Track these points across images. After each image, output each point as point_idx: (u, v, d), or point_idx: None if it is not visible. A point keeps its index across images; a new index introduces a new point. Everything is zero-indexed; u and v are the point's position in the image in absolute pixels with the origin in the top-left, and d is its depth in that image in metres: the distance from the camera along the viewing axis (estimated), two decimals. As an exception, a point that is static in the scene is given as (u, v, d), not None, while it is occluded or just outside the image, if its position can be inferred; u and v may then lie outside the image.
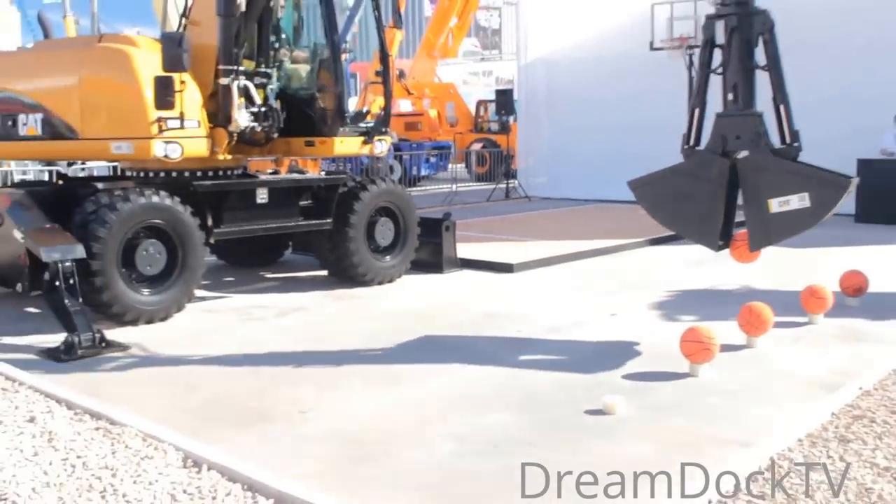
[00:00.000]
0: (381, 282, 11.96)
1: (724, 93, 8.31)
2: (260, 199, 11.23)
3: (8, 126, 10.74)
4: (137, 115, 10.06)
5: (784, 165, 7.95)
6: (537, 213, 20.90)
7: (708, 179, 8.21)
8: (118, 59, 10.24)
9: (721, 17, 8.21)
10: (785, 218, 7.90)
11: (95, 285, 9.23)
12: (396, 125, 34.66)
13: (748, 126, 8.09)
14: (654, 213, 8.80)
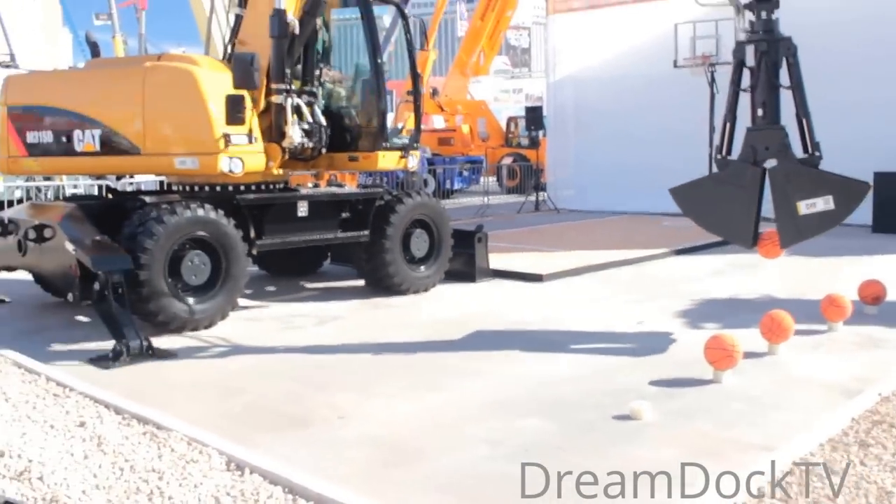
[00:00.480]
0: (416, 291, 12.18)
1: (753, 109, 9.29)
2: (301, 212, 11.49)
3: (63, 142, 10.86)
4: (203, 131, 10.37)
5: (810, 172, 9.03)
6: (566, 224, 21.08)
7: (742, 186, 9.17)
8: (184, 78, 10.50)
9: (751, 43, 9.22)
10: (812, 219, 9.01)
11: (143, 295, 9.48)
12: (430, 140, 34.99)
13: (776, 138, 9.09)
14: (692, 216, 9.74)
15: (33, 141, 11.05)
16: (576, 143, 25.75)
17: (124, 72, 11.17)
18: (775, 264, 13.81)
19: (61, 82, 11.77)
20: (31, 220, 10.55)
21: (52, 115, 11.00)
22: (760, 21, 9.30)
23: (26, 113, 11.15)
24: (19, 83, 11.69)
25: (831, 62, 18.91)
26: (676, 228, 18.56)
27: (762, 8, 9.28)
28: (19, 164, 11.37)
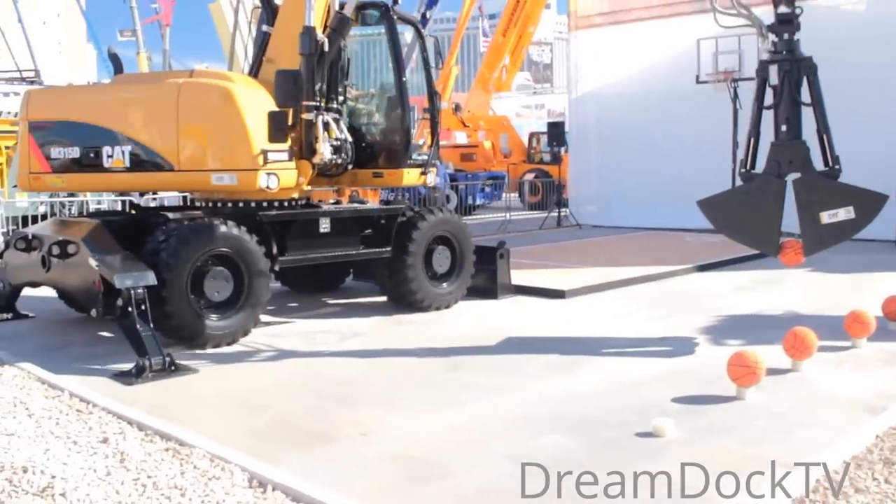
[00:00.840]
0: (438, 307, 12.17)
1: (777, 125, 9.86)
2: (323, 229, 11.53)
3: (90, 158, 10.77)
4: (242, 147, 10.43)
5: (832, 184, 9.65)
6: (588, 240, 21.06)
7: (768, 198, 9.73)
8: (221, 94, 10.57)
9: (774, 62, 9.84)
10: (834, 228, 9.61)
11: (166, 311, 9.52)
12: (453, 156, 35.08)
13: (798, 153, 9.69)
14: (719, 227, 10.33)
15: (57, 157, 10.93)
16: (598, 158, 25.75)
17: (156, 88, 11.09)
18: (798, 280, 13.88)
19: (88, 97, 11.70)
20: (55, 236, 10.62)
21: (78, 131, 10.88)
22: (783, 42, 9.91)
23: (50, 128, 11.04)
24: (41, 98, 11.64)
25: (857, 76, 18.95)
26: (699, 244, 18.55)
27: (784, 30, 9.92)
28: (42, 180, 11.19)
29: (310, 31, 10.90)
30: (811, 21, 20.32)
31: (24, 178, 11.25)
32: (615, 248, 19.06)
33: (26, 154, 11.11)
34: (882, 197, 9.66)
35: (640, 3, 24.65)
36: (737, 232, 10.24)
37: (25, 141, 11.10)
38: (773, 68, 9.92)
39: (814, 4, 20.63)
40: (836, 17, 20.52)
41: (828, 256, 16.76)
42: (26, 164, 11.12)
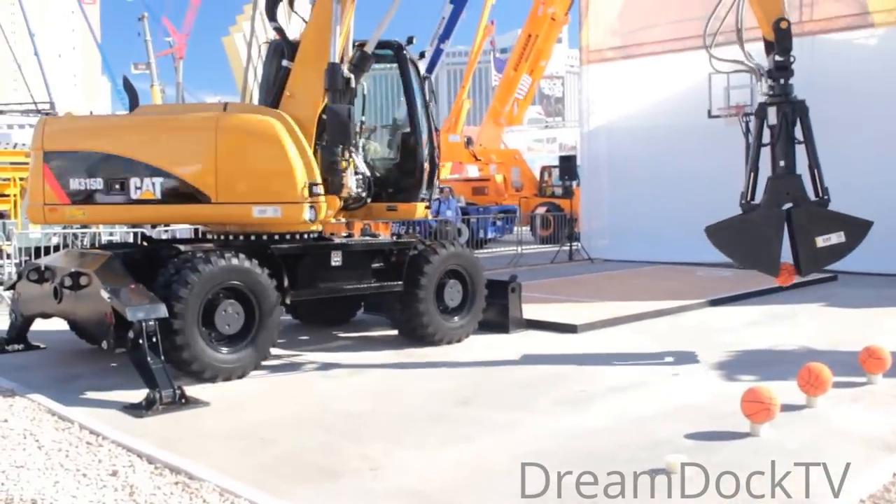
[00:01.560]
0: (449, 341, 12.13)
1: (775, 160, 11.25)
2: (334, 262, 11.53)
3: (115, 190, 10.64)
4: (288, 181, 10.68)
5: (825, 213, 11.14)
6: (600, 274, 21.00)
7: (769, 225, 11.09)
8: (265, 129, 10.75)
9: (772, 105, 11.25)
10: (827, 251, 11.11)
11: (177, 343, 9.53)
12: (464, 190, 35.15)
13: (795, 185, 11.18)
14: (725, 251, 11.51)
15: (77, 188, 10.68)
16: (610, 192, 25.73)
17: (192, 120, 11.13)
18: (812, 315, 13.85)
19: (111, 127, 11.47)
20: (67, 268, 10.63)
21: (101, 161, 10.70)
22: (779, 86, 11.25)
23: (68, 158, 10.77)
24: (58, 127, 11.31)
25: (869, 106, 19.10)
26: (711, 278, 18.50)
27: (780, 75, 11.23)
28: (59, 212, 10.89)
29: (335, 67, 11.02)
30: (825, 54, 20.63)
31: (38, 209, 10.88)
32: (627, 282, 19.01)
33: (40, 185, 10.78)
34: (867, 223, 11.24)
35: (652, 38, 24.71)
36: (741, 256, 11.57)
37: (39, 171, 10.78)
38: (771, 110, 11.28)
39: (828, 38, 20.82)
40: (849, 51, 20.61)
41: (841, 291, 16.85)
42: (40, 195, 10.78)
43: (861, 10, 20.69)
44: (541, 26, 37.88)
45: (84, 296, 10.25)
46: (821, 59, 20.66)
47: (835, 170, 19.74)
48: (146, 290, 9.68)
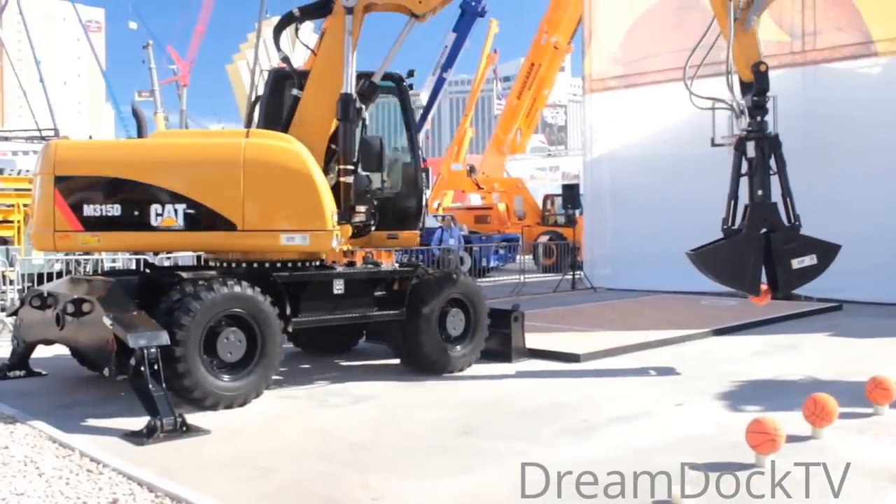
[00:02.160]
0: (451, 371, 12.07)
1: (752, 190, 12.57)
2: (336, 290, 11.50)
3: (134, 216, 10.43)
4: (318, 209, 10.79)
5: (799, 237, 12.47)
6: (603, 303, 20.94)
7: (750, 249, 12.32)
8: (293, 156, 10.82)
9: (751, 140, 12.63)
10: (802, 272, 12.40)
11: (178, 371, 9.50)
12: (467, 218, 35.18)
13: (772, 212, 12.44)
14: (707, 273, 12.64)
15: (92, 214, 10.36)
16: (613, 221, 25.69)
17: (217, 146, 11.09)
18: (817, 345, 13.84)
19: (128, 153, 11.20)
20: (70, 294, 10.60)
21: (119, 187, 10.47)
22: (756, 122, 12.64)
23: (82, 183, 10.48)
24: (71, 151, 10.91)
25: (872, 134, 19.24)
26: (715, 308, 18.46)
27: (758, 113, 12.67)
28: (72, 239, 10.51)
29: (348, 97, 11.22)
30: (829, 82, 20.71)
31: (47, 236, 10.49)
32: (630, 311, 18.95)
33: (50, 211, 10.37)
34: (836, 247, 12.58)
35: (655, 67, 24.77)
36: (725, 277, 12.66)
37: (50, 196, 10.36)
38: (750, 144, 12.64)
39: (831, 67, 20.89)
40: (853, 79, 20.66)
41: (846, 320, 16.82)
42: (49, 221, 10.39)
43: (865, 40, 20.75)
44: (544, 55, 38.02)
45: (86, 322, 10.23)
46: (824, 87, 20.78)
47: (839, 197, 20.07)
48: (148, 318, 9.66)
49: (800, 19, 21.74)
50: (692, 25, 23.84)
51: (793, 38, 21.93)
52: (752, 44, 12.99)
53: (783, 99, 20.26)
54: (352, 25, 11.58)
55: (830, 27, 21.27)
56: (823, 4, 21.41)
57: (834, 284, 19.82)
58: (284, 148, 10.92)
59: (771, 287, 12.46)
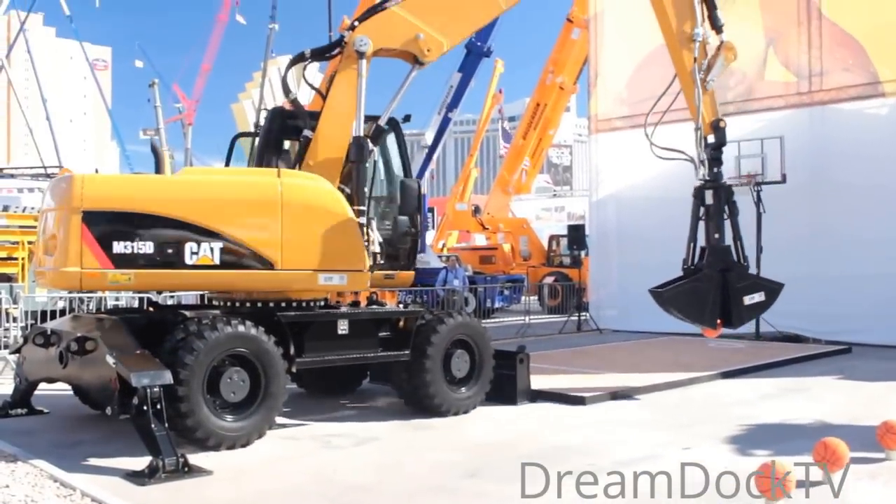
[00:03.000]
0: (456, 412, 11.98)
1: (709, 233, 14.00)
2: (341, 330, 11.44)
3: (167, 254, 10.19)
4: (356, 249, 11.19)
5: (750, 276, 14.12)
6: (609, 345, 20.85)
7: (710, 287, 13.71)
8: (333, 197, 11.06)
9: (708, 189, 14.09)
10: (751, 307, 13.98)
11: (181, 410, 9.44)
12: (472, 258, 35.14)
13: (727, 253, 13.88)
14: (668, 310, 14.08)
15: (122, 251, 10.01)
16: (619, 262, 25.59)
17: (254, 185, 11.05)
18: (826, 388, 13.77)
19: (162, 188, 10.87)
20: (73, 332, 10.56)
21: (152, 224, 10.17)
22: (713, 173, 14.15)
23: (112, 219, 10.07)
24: (101, 185, 10.47)
25: (879, 174, 19.27)
26: (722, 350, 18.37)
27: (715, 165, 14.17)
28: (101, 277, 10.08)
29: (362, 140, 11.45)
30: (836, 123, 20.76)
31: (73, 275, 9.94)
32: (636, 353, 18.86)
33: (76, 247, 9.87)
34: (780, 285, 14.11)
35: (661, 107, 24.73)
36: (687, 313, 13.94)
37: (76, 233, 9.87)
38: (708, 193, 14.04)
39: (839, 108, 20.89)
40: (860, 120, 20.66)
41: (856, 363, 16.72)
42: (75, 258, 9.89)
43: (872, 80, 20.78)
44: (549, 95, 38.17)
45: (89, 361, 10.16)
46: (832, 127, 20.81)
47: (848, 237, 20.03)
48: (151, 357, 9.62)
49: (806, 60, 21.81)
50: (698, 66, 24.00)
51: (799, 78, 21.99)
52: (712, 103, 14.57)
53: (791, 139, 20.46)
54: (363, 69, 11.77)
55: (837, 67, 21.31)
56: (830, 45, 21.46)
57: (843, 326, 19.84)
58: (321, 188, 11.08)
59: (724, 321, 13.89)
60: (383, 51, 12.17)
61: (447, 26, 12.55)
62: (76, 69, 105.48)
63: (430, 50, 12.27)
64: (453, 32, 12.77)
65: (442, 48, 12.47)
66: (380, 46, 12.02)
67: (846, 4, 21.40)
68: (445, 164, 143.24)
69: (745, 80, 23.16)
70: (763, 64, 22.88)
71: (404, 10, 12.29)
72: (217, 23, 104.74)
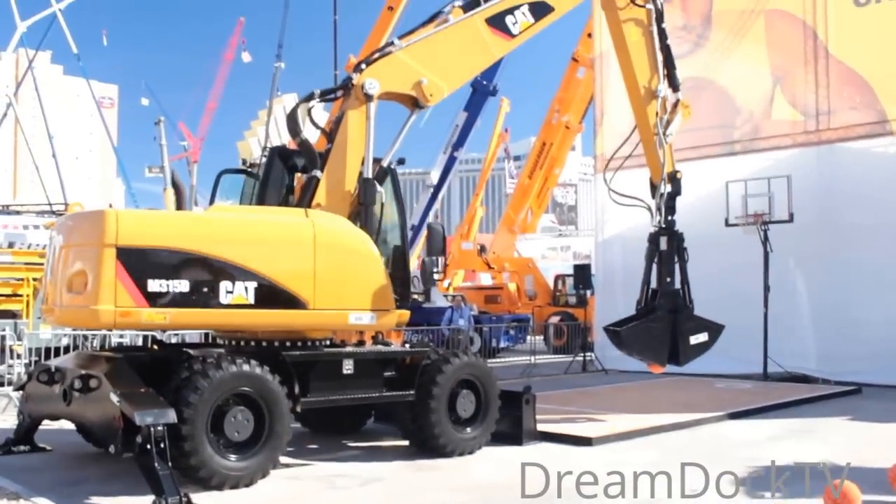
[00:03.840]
0: (461, 453, 11.88)
1: (662, 277, 15.22)
2: (346, 370, 11.39)
3: (202, 293, 10.12)
4: (385, 289, 11.45)
5: (696, 317, 15.24)
6: (615, 386, 20.73)
7: (662, 327, 14.89)
8: (360, 237, 11.31)
9: (663, 235, 15.31)
10: (696, 347, 15.12)
11: (184, 450, 9.37)
12: (477, 298, 35.04)
13: (676, 296, 15.15)
14: (621, 348, 15.39)
15: (158, 290, 9.84)
16: (625, 302, 25.35)
17: (288, 224, 11.14)
18: (835, 429, 13.68)
19: (198, 226, 10.74)
20: (77, 370, 10.51)
21: (189, 262, 10.09)
22: (668, 221, 15.40)
23: (148, 256, 9.90)
24: (136, 221, 10.27)
25: (887, 212, 19.24)
26: (730, 390, 18.27)
27: (669, 213, 15.42)
28: (136, 316, 9.82)
29: (371, 182, 11.68)
30: (844, 161, 20.79)
31: (107, 313, 9.68)
32: (643, 393, 18.75)
33: (111, 285, 9.64)
34: (721, 326, 15.34)
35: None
36: (639, 351, 15.20)
37: (111, 269, 9.63)
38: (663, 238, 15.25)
39: (846, 146, 20.90)
40: (868, 159, 20.66)
41: (865, 404, 16.60)
42: (111, 296, 9.65)
43: (880, 119, 20.79)
44: (555, 134, 38.29)
45: (93, 398, 10.10)
46: (839, 166, 20.81)
47: (855, 277, 19.97)
48: (156, 395, 9.57)
49: (813, 98, 21.84)
50: (704, 104, 24.11)
51: (807, 117, 22.02)
52: (670, 155, 15.78)
53: (798, 178, 20.45)
54: (372, 112, 12.00)
55: (844, 106, 21.33)
56: (837, 83, 21.49)
57: (852, 367, 19.73)
58: (350, 228, 11.32)
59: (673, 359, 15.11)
60: (385, 94, 12.33)
61: (447, 72, 12.88)
62: (83, 107, 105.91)
63: (431, 95, 12.55)
64: (452, 78, 13.09)
65: (442, 93, 12.76)
66: (385, 90, 12.20)
67: (853, 43, 21.45)
68: (451, 203, 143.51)
69: (752, 119, 23.22)
70: (770, 103, 22.93)
71: (408, 55, 12.55)
72: (223, 62, 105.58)
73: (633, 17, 15.10)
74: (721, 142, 23.58)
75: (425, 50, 12.69)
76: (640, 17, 15.15)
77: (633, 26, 15.15)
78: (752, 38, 23.21)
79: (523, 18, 13.48)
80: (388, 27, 31.07)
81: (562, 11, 14.19)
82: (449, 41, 12.94)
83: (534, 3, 13.55)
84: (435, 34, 12.84)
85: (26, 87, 60.08)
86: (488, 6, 13.21)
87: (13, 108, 49.25)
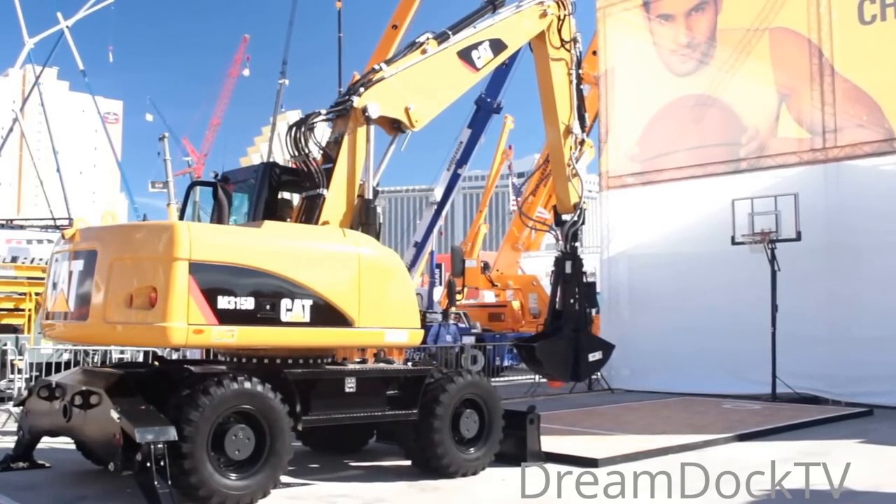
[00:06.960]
0: (464, 474, 11.76)
1: (566, 298, 16.39)
2: (348, 388, 11.31)
3: (266, 310, 10.16)
4: (415, 307, 11.80)
5: (592, 337, 16.83)
6: (621, 405, 20.58)
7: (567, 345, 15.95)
8: (394, 257, 11.87)
9: (567, 259, 16.52)
10: (594, 363, 16.59)
11: (185, 468, 9.26)
12: (481, 316, 34.92)
13: (582, 318, 16.34)
14: (529, 365, 16.98)
15: (227, 307, 9.83)
16: (630, 320, 25.36)
17: (334, 241, 11.43)
18: (847, 451, 13.50)
19: (263, 242, 10.60)
20: (78, 386, 10.43)
21: (255, 279, 10.10)
22: (572, 247, 16.64)
23: (220, 273, 9.88)
24: (208, 235, 10.15)
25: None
26: (738, 411, 18.11)
27: (573, 239, 16.70)
28: (207, 334, 9.77)
29: (370, 203, 11.96)
30: (851, 179, 20.77)
31: (180, 331, 9.58)
32: (650, 414, 18.57)
33: (184, 301, 9.56)
34: (612, 346, 16.99)
35: (672, 164, 24.78)
36: (550, 367, 16.26)
37: (184, 286, 9.54)
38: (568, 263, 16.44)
39: (854, 164, 20.83)
40: (876, 177, 20.60)
41: (878, 426, 16.44)
42: (183, 313, 9.57)
43: (887, 136, 20.74)
44: (560, 152, 38.12)
45: (93, 415, 10.06)
46: (847, 184, 20.75)
47: (864, 296, 19.86)
48: (156, 412, 9.50)
49: (820, 116, 21.80)
50: (709, 122, 24.16)
51: (813, 134, 21.98)
52: (580, 187, 16.76)
53: (805, 196, 20.38)
54: (371, 134, 12.28)
55: (851, 124, 21.30)
56: (843, 101, 21.46)
57: (863, 388, 19.57)
58: (386, 248, 11.65)
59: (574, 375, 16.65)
60: (382, 118, 12.58)
61: (430, 100, 13.33)
62: (88, 122, 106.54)
63: (417, 121, 12.90)
64: (434, 106, 13.50)
65: (426, 119, 13.16)
66: (382, 113, 12.47)
67: (859, 60, 21.43)
68: (454, 221, 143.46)
69: (758, 137, 23.18)
70: (776, 120, 22.89)
71: (399, 81, 12.88)
72: (228, 78, 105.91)
73: (561, 58, 16.21)
74: (727, 159, 23.55)
75: (413, 77, 13.08)
76: (567, 60, 16.29)
77: (561, 66, 16.23)
78: (757, 55, 23.21)
79: (486, 53, 14.22)
80: (392, 45, 30.98)
81: (514, 48, 15.29)
82: (431, 70, 13.40)
83: (492, 40, 14.33)
84: (420, 63, 13.23)
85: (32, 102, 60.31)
86: (459, 40, 13.86)
87: (19, 122, 49.37)
